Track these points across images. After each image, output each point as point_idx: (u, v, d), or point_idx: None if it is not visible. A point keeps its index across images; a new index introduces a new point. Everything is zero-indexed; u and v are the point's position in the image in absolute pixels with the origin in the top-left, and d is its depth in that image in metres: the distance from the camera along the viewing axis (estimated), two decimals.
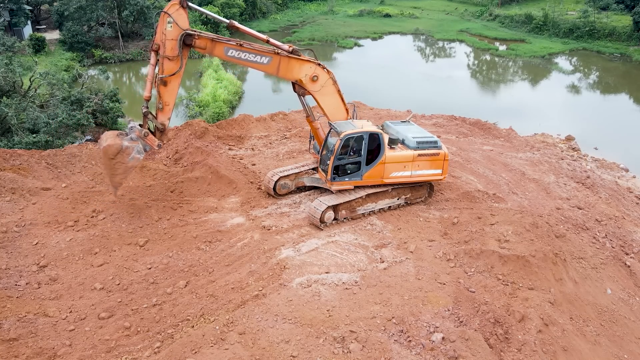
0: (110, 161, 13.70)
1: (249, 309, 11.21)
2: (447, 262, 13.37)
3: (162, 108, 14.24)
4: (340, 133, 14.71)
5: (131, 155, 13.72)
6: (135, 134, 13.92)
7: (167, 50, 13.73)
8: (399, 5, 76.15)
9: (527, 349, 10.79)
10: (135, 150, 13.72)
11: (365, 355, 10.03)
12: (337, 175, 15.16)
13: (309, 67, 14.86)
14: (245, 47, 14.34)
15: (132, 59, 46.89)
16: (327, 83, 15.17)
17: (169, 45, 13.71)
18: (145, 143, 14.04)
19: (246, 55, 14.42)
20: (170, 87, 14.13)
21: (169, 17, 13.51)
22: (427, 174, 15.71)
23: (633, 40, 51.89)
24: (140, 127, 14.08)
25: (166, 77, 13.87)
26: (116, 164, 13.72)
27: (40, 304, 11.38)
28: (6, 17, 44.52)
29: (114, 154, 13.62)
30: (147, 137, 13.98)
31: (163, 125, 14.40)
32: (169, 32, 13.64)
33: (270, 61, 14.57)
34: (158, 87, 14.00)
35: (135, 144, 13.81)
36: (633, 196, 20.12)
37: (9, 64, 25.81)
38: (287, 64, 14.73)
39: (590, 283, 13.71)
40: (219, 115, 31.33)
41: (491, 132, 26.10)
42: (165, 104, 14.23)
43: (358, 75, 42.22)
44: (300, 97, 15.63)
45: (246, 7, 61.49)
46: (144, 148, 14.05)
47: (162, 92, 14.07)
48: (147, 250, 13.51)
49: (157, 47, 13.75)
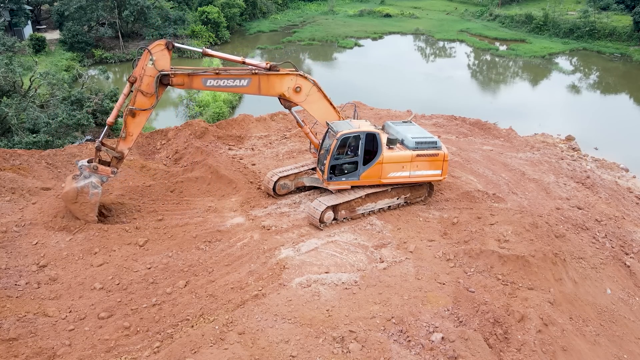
0: (74, 205, 13.97)
1: (248, 308, 11.22)
2: (447, 262, 13.36)
3: (125, 137, 14.31)
4: (336, 133, 14.71)
5: (90, 193, 13.91)
6: (87, 171, 14.04)
7: (143, 85, 13.90)
8: (399, 5, 76.16)
9: (527, 348, 10.78)
10: (91, 187, 13.92)
11: (365, 355, 10.03)
12: (334, 174, 15.16)
13: (289, 80, 14.84)
14: (222, 74, 14.36)
15: (132, 59, 46.50)
16: (312, 91, 15.14)
17: (145, 81, 13.88)
18: (100, 175, 14.16)
19: (225, 82, 14.45)
20: (138, 119, 14.24)
21: (152, 55, 13.66)
22: (426, 174, 15.64)
23: (633, 40, 51.88)
24: (88, 163, 14.13)
25: (136, 110, 14.01)
26: (81, 205, 13.98)
27: (39, 304, 11.38)
28: (6, 17, 44.57)
29: (74, 198, 13.88)
30: (98, 170, 14.10)
31: (121, 154, 14.48)
32: (149, 68, 13.82)
33: (249, 82, 14.58)
34: (125, 117, 14.12)
35: (89, 181, 13.96)
36: (633, 196, 20.10)
37: (9, 63, 25.84)
38: (267, 82, 14.73)
39: (590, 283, 13.70)
40: (219, 115, 31.36)
41: (491, 132, 26.10)
42: (129, 134, 14.31)
43: (358, 76, 42.25)
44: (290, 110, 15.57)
45: (246, 7, 61.51)
46: (101, 180, 14.20)
47: (128, 122, 14.17)
48: (147, 250, 13.52)
49: (134, 79, 13.93)
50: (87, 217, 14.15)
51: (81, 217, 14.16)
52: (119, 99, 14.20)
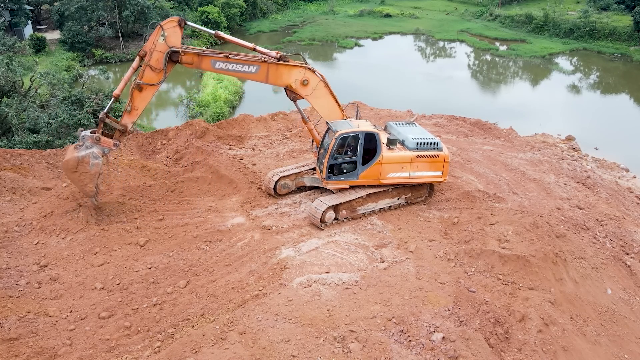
0: (73, 174, 13.84)
1: (249, 308, 11.22)
2: (448, 262, 13.37)
3: (130, 111, 14.34)
4: (335, 132, 14.71)
5: (91, 163, 13.79)
6: (89, 141, 13.98)
7: (152, 60, 13.97)
8: (400, 6, 76.17)
9: (528, 348, 10.78)
10: (92, 157, 13.82)
11: (366, 355, 10.04)
12: (333, 174, 15.16)
13: (298, 72, 14.89)
14: (232, 58, 14.42)
15: (132, 59, 46.46)
16: (319, 86, 15.18)
17: (155, 56, 13.95)
18: (102, 146, 14.12)
19: (233, 66, 14.54)
20: (145, 94, 14.26)
21: (163, 31, 13.74)
22: (426, 175, 15.57)
23: (633, 40, 51.87)
24: (91, 134, 14.07)
25: (143, 84, 14.05)
26: (80, 175, 13.85)
27: (40, 304, 11.38)
28: (7, 17, 44.56)
29: (74, 167, 13.74)
30: (100, 141, 14.05)
31: (125, 127, 14.49)
32: (159, 44, 13.89)
33: (258, 70, 14.66)
34: (132, 91, 14.15)
35: (90, 151, 13.88)
36: (633, 196, 20.10)
37: (9, 63, 25.82)
38: (276, 71, 14.79)
39: (591, 283, 13.70)
40: (220, 115, 31.34)
41: (491, 132, 26.10)
42: (134, 108, 14.34)
43: (358, 76, 42.23)
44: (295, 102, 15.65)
45: (246, 7, 61.50)
46: (102, 151, 14.18)
47: (134, 96, 14.21)
48: (148, 249, 13.52)
49: (144, 53, 14.01)
50: (85, 187, 13.99)
51: (79, 187, 14.09)
52: (127, 72, 14.24)
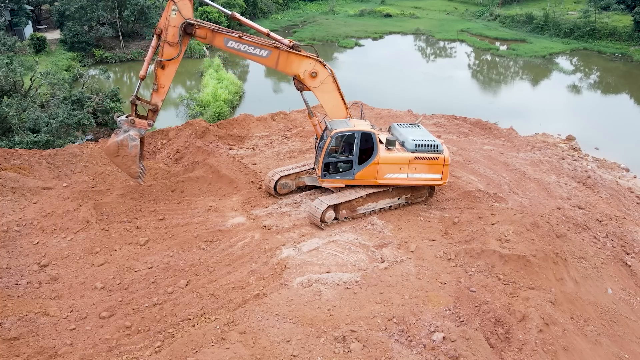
0: (116, 158, 15.03)
1: (249, 308, 11.22)
2: (448, 262, 13.36)
3: (157, 89, 14.95)
4: (331, 131, 14.71)
5: (130, 145, 14.82)
6: (125, 125, 14.93)
7: (168, 36, 14.42)
8: (400, 5, 76.19)
9: (528, 348, 10.78)
10: (129, 139, 14.79)
11: (366, 355, 10.03)
12: (328, 172, 15.14)
13: (308, 63, 14.99)
14: (245, 39, 14.68)
15: (132, 58, 46.90)
16: (327, 80, 15.23)
17: (170, 32, 14.38)
18: (137, 128, 15.01)
19: (245, 47, 14.78)
20: (168, 70, 14.77)
21: (175, 5, 14.13)
22: (425, 177, 15.40)
23: (634, 40, 51.88)
24: (126, 117, 14.97)
25: (164, 61, 14.58)
26: (123, 158, 14.94)
27: (41, 303, 11.38)
28: (7, 17, 44.57)
29: (116, 151, 14.89)
30: (135, 123, 14.93)
31: (155, 106, 15.14)
32: (173, 19, 14.29)
33: (269, 55, 14.85)
34: (156, 69, 14.74)
35: (128, 134, 14.81)
36: (634, 196, 20.10)
37: (9, 63, 25.83)
38: (286, 59, 14.96)
39: (591, 283, 13.70)
40: (220, 115, 31.35)
41: (492, 132, 26.09)
42: (161, 86, 14.91)
43: (359, 75, 42.23)
44: (301, 93, 15.74)
45: (247, 6, 61.51)
46: (139, 132, 15.05)
47: (159, 75, 14.79)
48: (148, 249, 13.52)
49: (159, 31, 14.48)
50: (129, 169, 15.10)
51: (125, 170, 15.23)
52: (148, 53, 14.75)
